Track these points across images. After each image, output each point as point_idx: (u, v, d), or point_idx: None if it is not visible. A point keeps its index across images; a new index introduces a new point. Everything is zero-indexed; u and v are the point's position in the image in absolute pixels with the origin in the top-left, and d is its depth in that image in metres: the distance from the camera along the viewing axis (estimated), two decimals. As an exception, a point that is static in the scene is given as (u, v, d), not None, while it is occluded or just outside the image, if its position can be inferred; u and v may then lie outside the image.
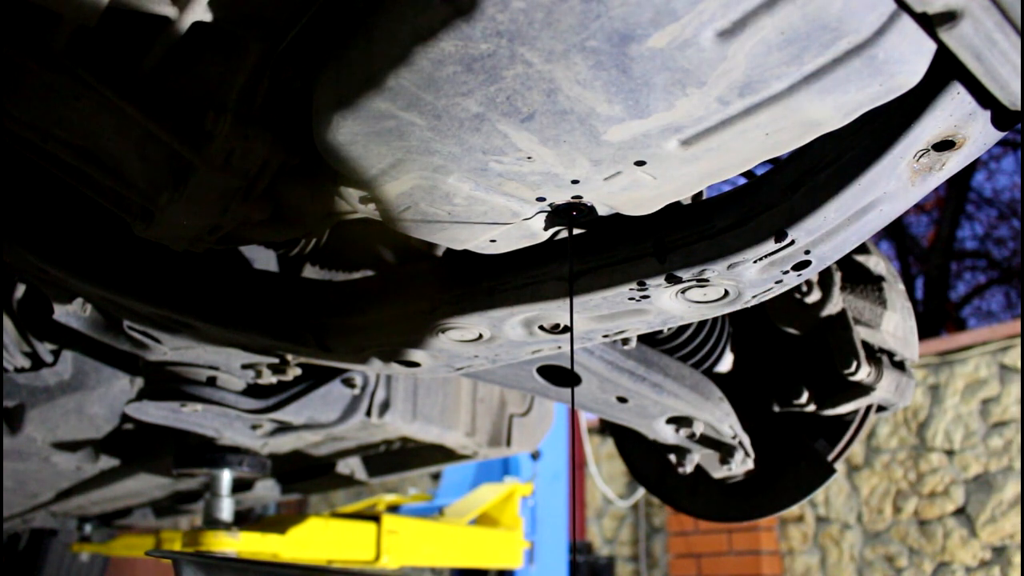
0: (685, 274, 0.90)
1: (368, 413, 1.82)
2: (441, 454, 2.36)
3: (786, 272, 0.89)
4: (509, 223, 0.87)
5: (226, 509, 2.00)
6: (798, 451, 1.73)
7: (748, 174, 0.92)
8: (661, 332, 1.57)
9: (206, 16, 0.72)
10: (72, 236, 1.16)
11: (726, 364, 1.72)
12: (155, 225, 0.99)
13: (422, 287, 1.13)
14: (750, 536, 5.58)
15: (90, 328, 1.37)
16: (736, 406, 1.65)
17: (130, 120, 0.86)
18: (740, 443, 1.65)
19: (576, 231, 0.92)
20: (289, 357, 1.43)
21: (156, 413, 1.62)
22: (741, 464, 1.69)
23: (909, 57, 0.61)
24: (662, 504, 4.94)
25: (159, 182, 0.94)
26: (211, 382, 1.56)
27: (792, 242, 0.83)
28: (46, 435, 2.03)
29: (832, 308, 1.49)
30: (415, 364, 1.23)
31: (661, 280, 0.91)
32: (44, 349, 1.68)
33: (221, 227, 1.00)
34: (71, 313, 1.33)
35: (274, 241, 1.20)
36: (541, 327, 1.07)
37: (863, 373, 1.49)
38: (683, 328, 1.59)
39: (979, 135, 0.72)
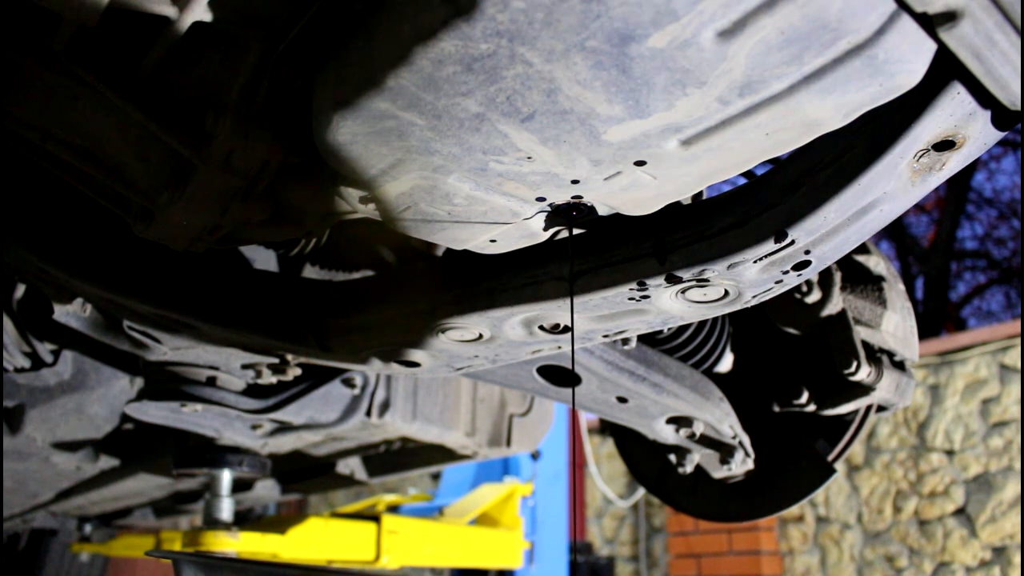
0: (685, 274, 0.90)
1: (368, 413, 1.82)
2: (441, 454, 2.36)
3: (786, 272, 0.89)
4: (509, 223, 0.87)
5: (226, 509, 2.00)
6: (798, 451, 1.73)
7: (748, 174, 0.92)
8: (661, 332, 1.57)
9: (206, 16, 0.72)
10: (72, 236, 1.16)
11: (726, 364, 1.72)
12: (155, 225, 0.99)
13: (422, 287, 1.13)
14: (750, 536, 5.58)
15: (90, 328, 1.37)
16: (736, 406, 1.65)
17: (130, 120, 0.86)
18: (740, 443, 1.65)
19: (576, 231, 0.92)
20: (289, 357, 1.43)
21: (156, 413, 1.62)
22: (741, 464, 1.69)
23: (909, 57, 0.61)
24: (662, 504, 4.94)
25: (159, 182, 0.94)
26: (211, 382, 1.56)
27: (792, 242, 0.83)
28: (46, 435, 2.03)
29: (832, 308, 1.49)
30: (415, 364, 1.23)
31: (661, 280, 0.91)
32: (44, 349, 1.67)
33: (221, 227, 1.00)
34: (71, 313, 1.33)
35: (274, 241, 1.20)
36: (541, 327, 1.07)
37: (863, 373, 1.49)
38: (683, 328, 1.59)
39: (979, 135, 0.72)
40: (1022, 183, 12.40)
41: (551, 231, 0.91)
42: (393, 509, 3.32)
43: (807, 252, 0.85)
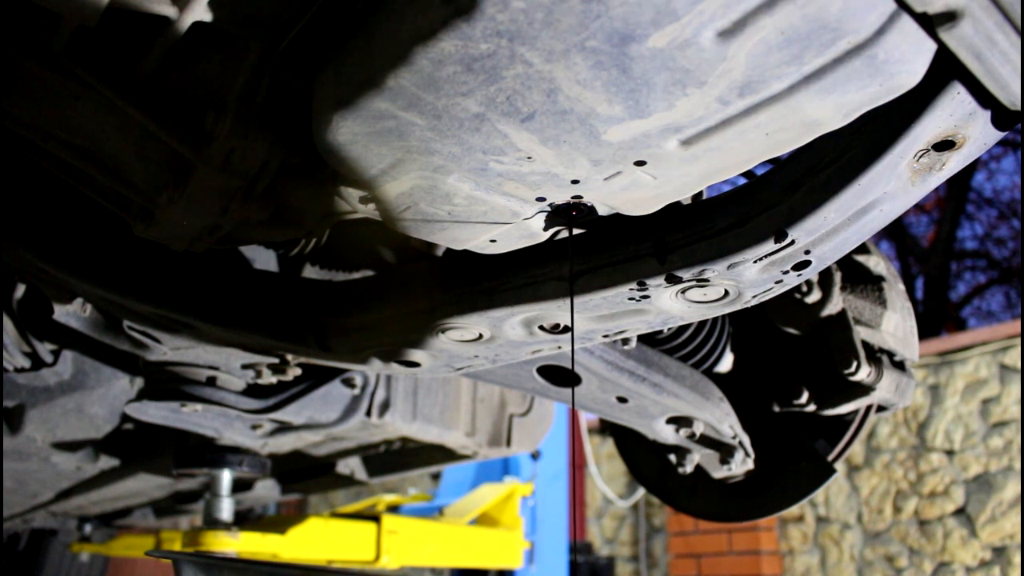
0: (685, 274, 0.90)
1: (368, 413, 1.82)
2: (441, 454, 2.36)
3: (786, 272, 0.89)
4: (509, 223, 0.87)
5: (226, 509, 2.00)
6: (798, 451, 1.73)
7: (748, 174, 0.92)
8: (661, 332, 1.57)
9: (206, 16, 0.72)
10: (72, 236, 1.16)
11: (726, 364, 1.72)
12: (155, 225, 0.99)
13: (422, 287, 1.13)
14: (750, 536, 5.58)
15: (90, 328, 1.37)
16: (736, 406, 1.65)
17: (130, 120, 0.86)
18: (740, 443, 1.65)
19: (576, 231, 0.92)
20: (289, 357, 1.43)
21: (156, 413, 1.62)
22: (741, 464, 1.69)
23: (909, 57, 0.61)
24: (662, 504, 4.94)
25: (159, 182, 0.94)
26: (211, 382, 1.56)
27: (792, 242, 0.83)
28: (46, 435, 2.03)
29: (832, 308, 1.49)
30: (415, 364, 1.23)
31: (661, 280, 0.91)
32: (44, 349, 1.67)
33: (221, 227, 1.00)
34: (71, 313, 1.33)
35: (274, 241, 1.20)
36: (541, 327, 1.07)
37: (863, 373, 1.49)
38: (683, 328, 1.59)
39: (979, 135, 0.72)
40: (1022, 183, 12.41)
41: (551, 231, 0.91)
42: (393, 509, 3.32)
43: (807, 252, 0.85)
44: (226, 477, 1.99)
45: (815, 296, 1.48)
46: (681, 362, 1.54)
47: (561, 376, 1.44)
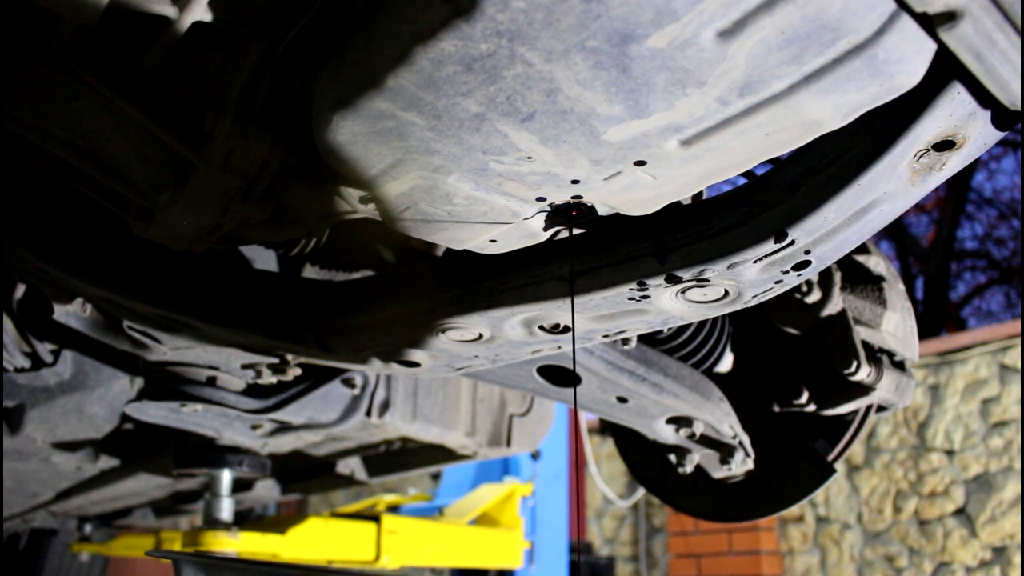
0: (685, 274, 0.90)
1: (368, 413, 1.82)
2: (441, 454, 2.36)
3: (786, 272, 0.89)
4: (509, 223, 0.87)
5: (226, 509, 2.00)
6: (798, 451, 1.73)
7: (748, 174, 0.92)
8: (661, 332, 1.57)
9: (206, 16, 0.72)
10: (72, 236, 1.16)
11: (726, 364, 1.72)
12: (155, 225, 0.99)
13: (422, 287, 1.13)
14: (750, 536, 5.58)
15: (90, 328, 1.37)
16: (736, 406, 1.65)
17: (130, 120, 0.86)
18: (740, 443, 1.65)
19: (576, 231, 0.92)
20: (289, 357, 1.43)
21: (156, 413, 1.62)
22: (741, 464, 1.69)
23: (909, 57, 0.61)
24: (662, 504, 4.94)
25: (159, 182, 0.94)
26: (211, 382, 1.56)
27: (792, 242, 0.83)
28: (46, 435, 2.03)
29: (832, 308, 1.49)
30: (415, 364, 1.23)
31: (661, 280, 0.91)
32: (44, 349, 1.68)
33: (221, 227, 1.00)
34: (71, 313, 1.33)
35: (274, 241, 1.20)
36: (541, 327, 1.07)
37: (863, 373, 1.49)
38: (683, 328, 1.59)
39: (979, 135, 0.72)
40: (1022, 183, 12.41)
41: (551, 231, 0.91)
42: (393, 509, 3.32)
43: (807, 252, 0.85)
44: (226, 477, 1.99)
45: (815, 296, 1.48)
46: (681, 362, 1.54)
47: (561, 376, 1.44)
